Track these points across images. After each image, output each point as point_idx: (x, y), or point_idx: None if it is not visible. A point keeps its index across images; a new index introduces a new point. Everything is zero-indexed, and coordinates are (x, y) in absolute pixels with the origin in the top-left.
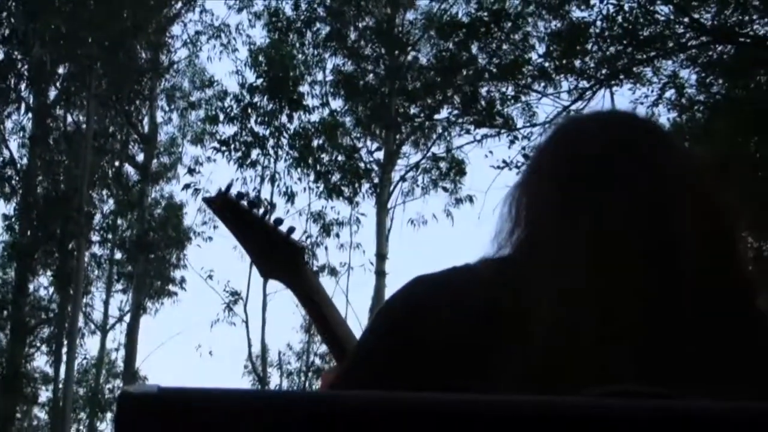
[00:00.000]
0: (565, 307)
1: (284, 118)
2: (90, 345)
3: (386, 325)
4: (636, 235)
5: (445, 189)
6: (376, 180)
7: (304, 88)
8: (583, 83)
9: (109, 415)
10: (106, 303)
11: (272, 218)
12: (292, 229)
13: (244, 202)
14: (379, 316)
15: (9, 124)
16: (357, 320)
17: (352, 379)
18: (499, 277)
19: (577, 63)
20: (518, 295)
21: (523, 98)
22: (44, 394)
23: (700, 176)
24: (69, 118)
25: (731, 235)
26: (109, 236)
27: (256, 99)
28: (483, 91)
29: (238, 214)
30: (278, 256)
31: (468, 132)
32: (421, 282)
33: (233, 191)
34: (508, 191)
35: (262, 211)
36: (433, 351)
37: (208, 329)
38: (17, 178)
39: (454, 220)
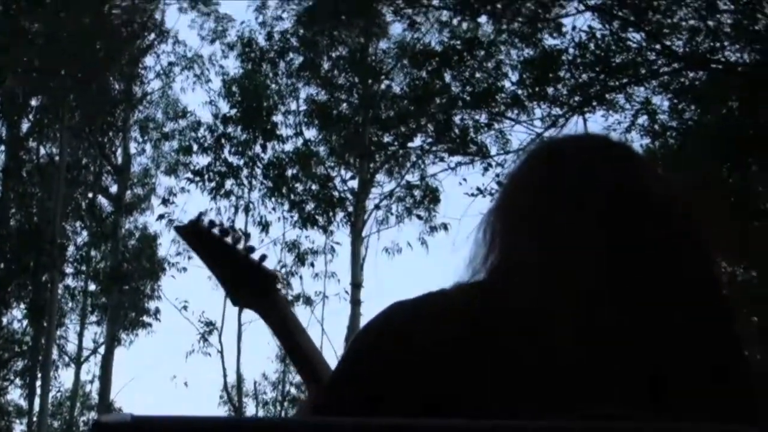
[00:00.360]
0: (542, 331)
1: (258, 148)
2: (64, 377)
3: (365, 349)
4: (614, 259)
5: (419, 217)
6: (350, 209)
7: (277, 118)
8: (556, 110)
9: None
10: (80, 335)
11: (244, 246)
12: (264, 257)
13: (216, 230)
14: (357, 341)
15: None
16: (333, 349)
17: (333, 403)
18: (474, 301)
19: (550, 90)
20: (494, 318)
21: (496, 126)
22: (18, 428)
23: (678, 200)
24: (42, 150)
25: (709, 258)
26: (83, 268)
27: (229, 129)
28: (456, 119)
29: (209, 242)
30: (250, 284)
31: (442, 160)
32: (399, 307)
33: (205, 219)
34: (482, 217)
35: (233, 239)
36: (412, 374)
37: (183, 360)
38: None
39: (428, 247)
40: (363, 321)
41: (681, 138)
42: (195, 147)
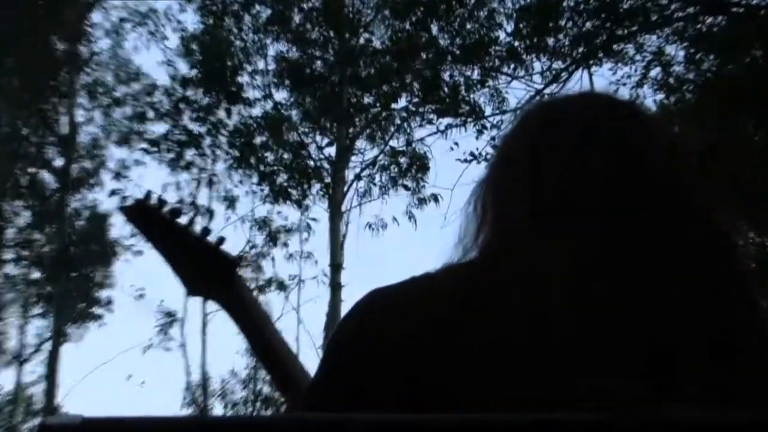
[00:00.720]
0: (533, 310)
1: (222, 114)
2: (4, 379)
3: (344, 347)
4: (618, 232)
5: (406, 188)
6: (327, 180)
7: (243, 79)
8: (558, 64)
9: None
10: (22, 330)
11: (199, 228)
12: (222, 240)
13: (166, 211)
14: (335, 339)
15: None
16: (310, 339)
17: (316, 401)
18: (464, 285)
19: (550, 41)
20: (482, 299)
21: (490, 83)
22: None
23: (693, 163)
24: None
25: (720, 227)
26: (25, 253)
27: (189, 92)
28: (445, 75)
29: (160, 224)
30: (207, 270)
31: (430, 122)
32: (377, 297)
33: (154, 197)
34: (473, 188)
35: (187, 219)
36: (394, 365)
37: (140, 356)
38: None
39: (417, 222)
40: (345, 307)
41: (699, 92)
42: (150, 113)
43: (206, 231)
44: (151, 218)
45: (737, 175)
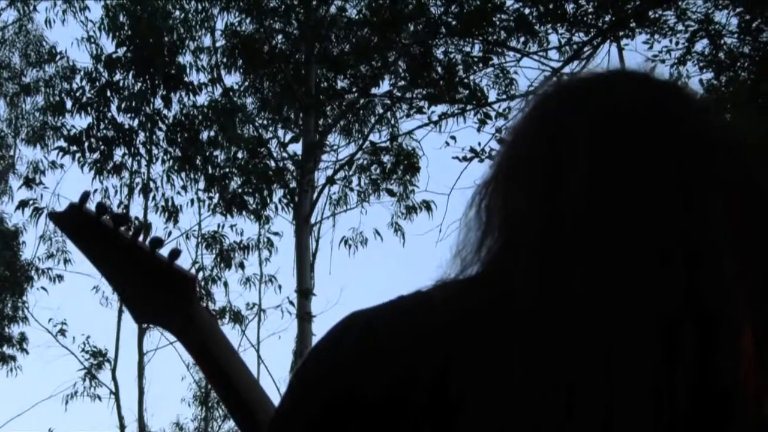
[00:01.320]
0: (558, 348)
1: (159, 103)
2: None
3: (307, 394)
4: (651, 239)
5: (390, 193)
6: (292, 184)
7: (185, 59)
8: (579, 36)
9: None
10: None
11: (148, 239)
12: (176, 253)
13: (107, 218)
14: (297, 382)
15: None
16: (273, 383)
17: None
18: (463, 305)
19: (570, 7)
20: (489, 330)
21: (495, 61)
22: None
23: (744, 158)
24: None
25: None
26: None
27: (117, 77)
28: (439, 52)
29: (99, 235)
30: (158, 290)
31: (420, 111)
32: (355, 323)
33: (92, 203)
34: (474, 189)
35: (133, 230)
36: (374, 419)
37: (61, 407)
38: None
39: (405, 237)
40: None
41: (756, 69)
42: (69, 103)
43: (157, 242)
44: (88, 228)
45: None
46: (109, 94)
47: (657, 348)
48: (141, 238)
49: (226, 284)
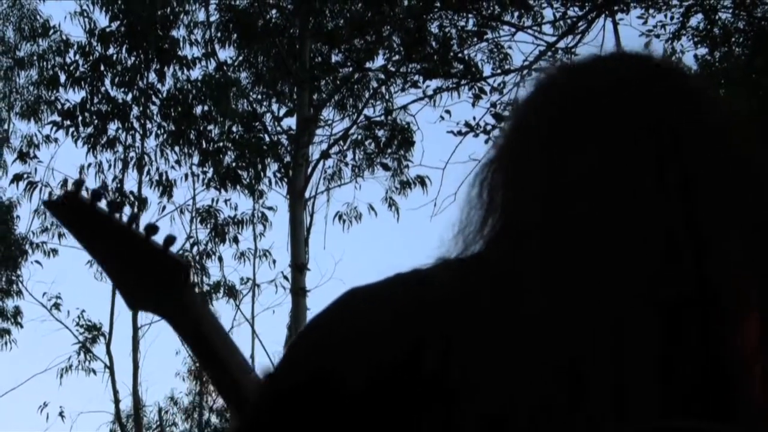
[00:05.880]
0: (560, 325)
1: (153, 77)
2: None
3: (298, 371)
4: (652, 217)
5: (385, 167)
6: (287, 159)
7: (179, 33)
8: (574, 10)
9: None
10: None
11: (143, 225)
12: (171, 240)
13: (103, 205)
14: (289, 359)
15: None
16: (268, 357)
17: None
18: (464, 285)
19: None
20: (489, 310)
21: (489, 35)
22: None
23: (738, 137)
24: None
25: None
26: None
27: (111, 51)
28: (433, 27)
29: (94, 222)
30: (152, 278)
31: (414, 86)
32: (352, 300)
33: (87, 190)
34: (478, 168)
35: (128, 216)
36: (362, 403)
37: (55, 381)
38: None
39: (399, 212)
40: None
41: (751, 45)
42: (63, 77)
43: (152, 229)
44: (83, 215)
45: None
46: (102, 68)
47: (662, 328)
48: (136, 225)
49: (220, 259)
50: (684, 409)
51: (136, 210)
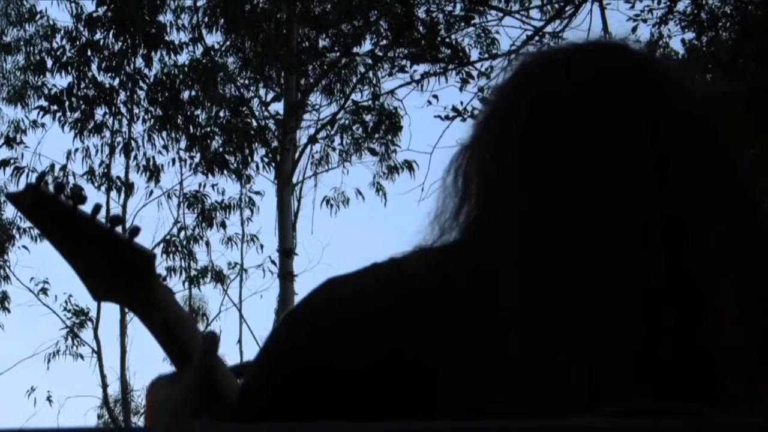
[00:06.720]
0: (537, 311)
1: (140, 62)
2: None
3: (276, 365)
4: (630, 205)
5: (373, 152)
6: (274, 144)
7: (166, 18)
8: None
9: None
10: None
11: (106, 218)
12: (135, 231)
13: (65, 197)
14: (267, 351)
15: None
16: (255, 342)
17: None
18: (438, 273)
19: None
20: (466, 298)
21: (477, 20)
22: None
23: (718, 126)
24: None
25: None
26: None
27: (98, 36)
28: (421, 11)
29: (57, 214)
30: (117, 268)
31: (402, 70)
32: (330, 288)
33: (49, 183)
34: (453, 155)
35: (91, 208)
36: (344, 389)
37: (43, 365)
38: None
39: (387, 196)
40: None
41: (738, 30)
42: (50, 62)
43: (116, 220)
44: (46, 207)
45: None
46: (89, 53)
47: (640, 316)
48: (100, 217)
49: (207, 244)
50: (661, 394)
51: (123, 195)
